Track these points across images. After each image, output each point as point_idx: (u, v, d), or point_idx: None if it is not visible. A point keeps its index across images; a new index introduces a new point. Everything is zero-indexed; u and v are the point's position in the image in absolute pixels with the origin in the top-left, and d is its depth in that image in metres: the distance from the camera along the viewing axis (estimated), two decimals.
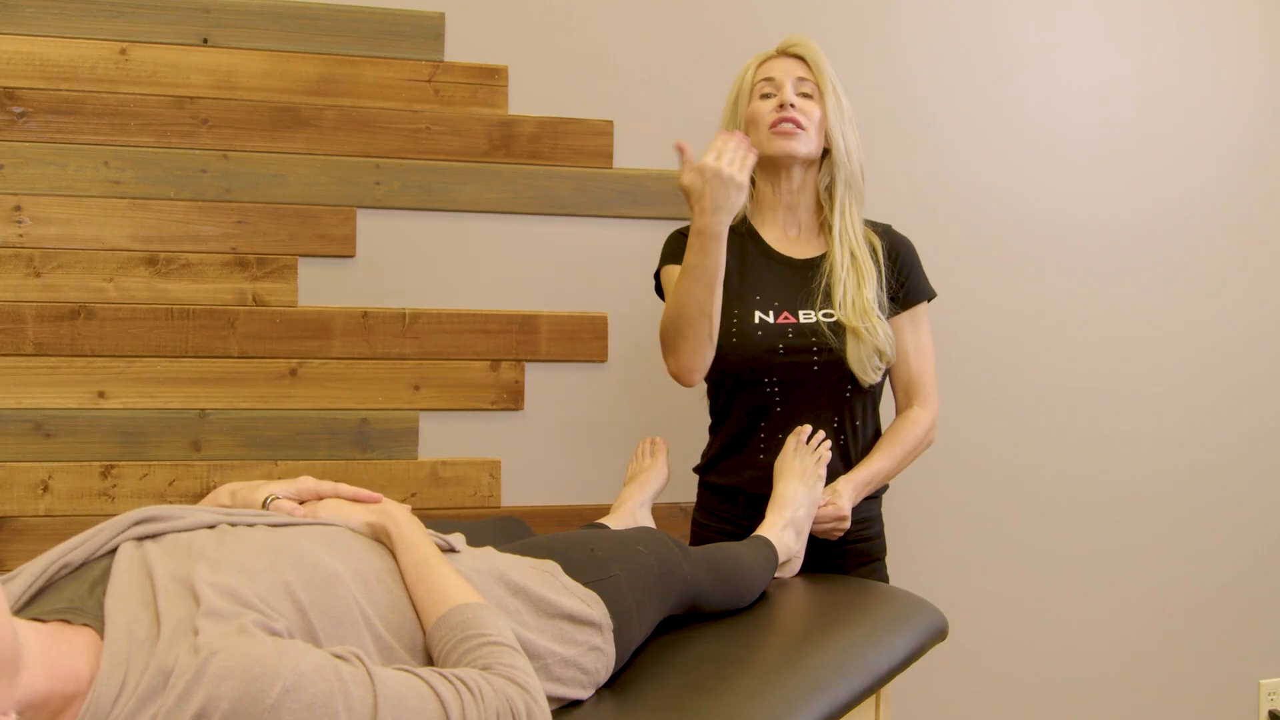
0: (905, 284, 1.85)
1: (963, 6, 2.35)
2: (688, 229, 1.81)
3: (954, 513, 2.39)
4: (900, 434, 1.84)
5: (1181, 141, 2.47)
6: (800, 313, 1.78)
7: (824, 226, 1.85)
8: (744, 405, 1.81)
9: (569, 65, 2.16)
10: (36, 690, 0.82)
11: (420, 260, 2.11)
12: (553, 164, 2.15)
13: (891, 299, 1.84)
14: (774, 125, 1.78)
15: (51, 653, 0.85)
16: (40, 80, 1.95)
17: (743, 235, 1.85)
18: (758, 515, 1.74)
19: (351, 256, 2.08)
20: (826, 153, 1.83)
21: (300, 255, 2.06)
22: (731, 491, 1.84)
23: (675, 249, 1.83)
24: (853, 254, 1.80)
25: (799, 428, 1.76)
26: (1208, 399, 2.51)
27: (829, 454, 1.74)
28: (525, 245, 2.15)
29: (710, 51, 2.21)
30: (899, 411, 1.89)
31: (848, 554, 1.85)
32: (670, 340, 1.73)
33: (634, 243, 2.19)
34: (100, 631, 0.89)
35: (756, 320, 1.77)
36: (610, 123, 2.18)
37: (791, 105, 1.77)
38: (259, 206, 2.04)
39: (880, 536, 1.92)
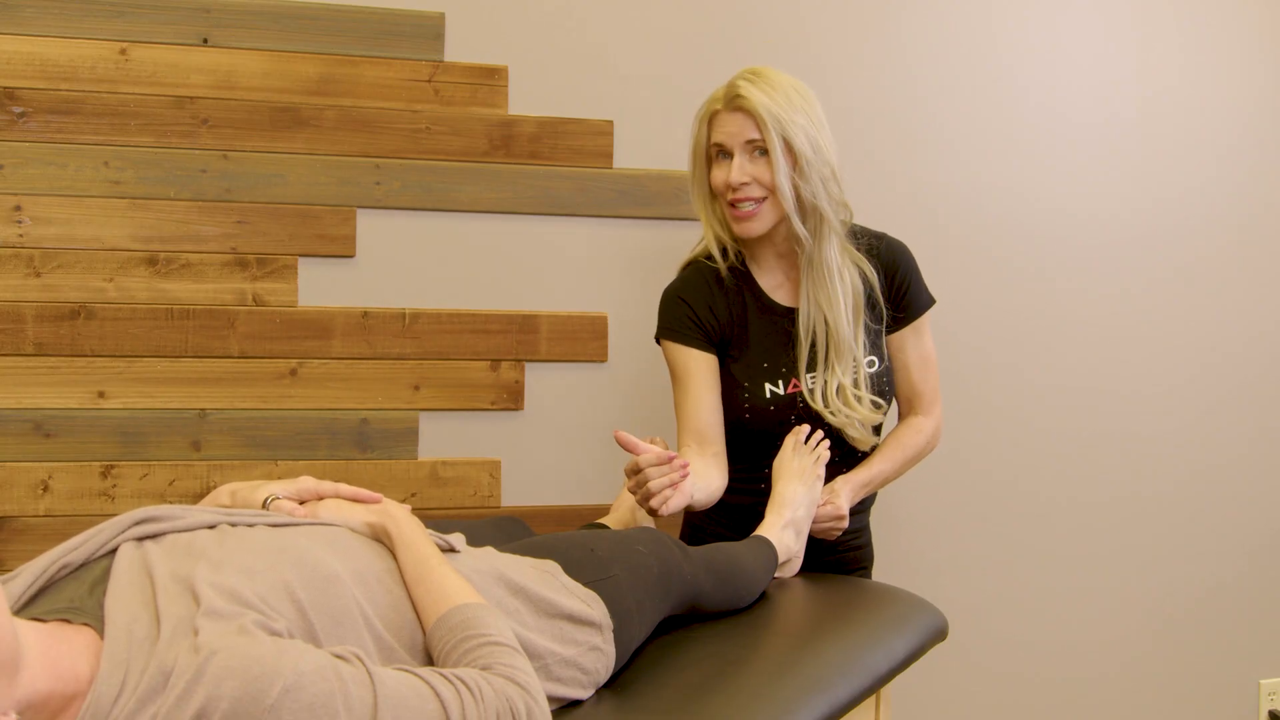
0: (905, 298, 1.82)
1: (963, 6, 2.35)
2: (681, 283, 1.81)
3: (954, 513, 2.39)
4: (902, 439, 1.84)
5: (1181, 141, 2.47)
6: (807, 377, 1.76)
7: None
8: (751, 451, 1.80)
9: (569, 65, 2.16)
10: (37, 690, 0.82)
11: (420, 260, 2.11)
12: (553, 164, 2.15)
13: (893, 317, 1.82)
14: (728, 206, 1.73)
15: (51, 653, 0.85)
16: (40, 80, 1.95)
17: (739, 281, 1.80)
18: (756, 523, 1.75)
19: (351, 256, 2.08)
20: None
21: (300, 255, 2.06)
22: (731, 509, 1.84)
23: (673, 321, 1.78)
24: (826, 320, 1.73)
25: (797, 428, 1.76)
26: (1208, 399, 2.51)
27: (828, 453, 1.74)
28: (525, 245, 2.15)
29: (710, 51, 2.21)
30: (901, 418, 1.88)
31: (837, 563, 1.85)
32: None
33: (634, 243, 2.19)
34: (100, 631, 0.89)
35: (768, 394, 1.76)
36: (610, 123, 2.18)
37: (743, 184, 1.70)
38: (259, 206, 2.04)
39: (869, 546, 1.93)
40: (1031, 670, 2.44)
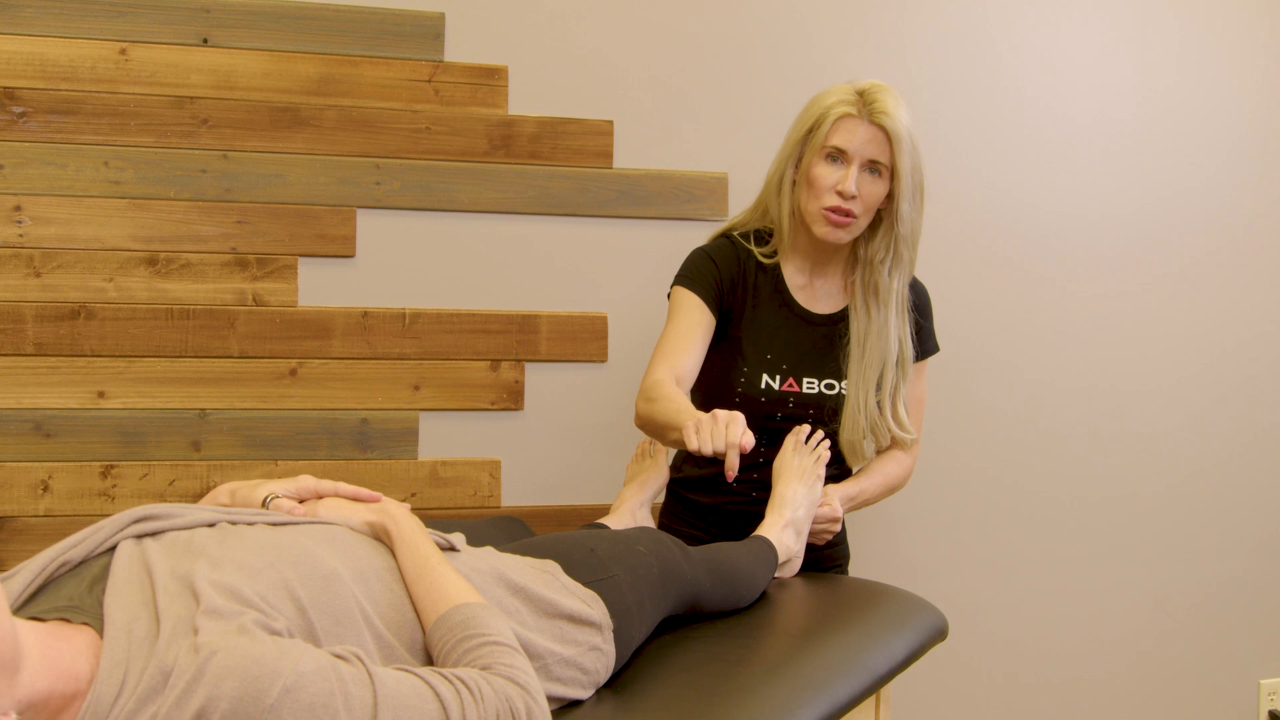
0: (916, 339, 1.83)
1: (963, 6, 2.35)
2: (713, 248, 1.81)
3: (954, 512, 2.39)
4: (885, 467, 1.86)
5: (1181, 141, 2.47)
6: (804, 381, 1.77)
7: (849, 284, 1.81)
8: None
9: (569, 65, 2.16)
10: (36, 690, 0.82)
11: (420, 260, 2.11)
12: (553, 164, 2.15)
13: None
14: (827, 209, 1.70)
15: (51, 652, 0.85)
16: (40, 80, 1.95)
17: (765, 269, 1.80)
18: (728, 527, 1.75)
19: (351, 256, 2.08)
20: (875, 221, 1.76)
21: (300, 255, 2.06)
22: (704, 508, 1.84)
23: (694, 273, 1.78)
24: (879, 327, 1.75)
25: (797, 427, 1.76)
26: (1207, 398, 2.51)
27: (828, 453, 1.74)
28: (525, 245, 2.15)
29: (710, 51, 2.21)
30: (881, 451, 1.88)
31: (814, 560, 1.85)
32: (640, 421, 1.68)
33: (634, 243, 2.19)
34: (100, 630, 0.89)
35: (763, 385, 1.76)
36: (610, 123, 2.18)
37: (852, 197, 1.68)
38: (259, 206, 2.04)
39: (845, 543, 1.94)
40: (1031, 670, 2.44)
